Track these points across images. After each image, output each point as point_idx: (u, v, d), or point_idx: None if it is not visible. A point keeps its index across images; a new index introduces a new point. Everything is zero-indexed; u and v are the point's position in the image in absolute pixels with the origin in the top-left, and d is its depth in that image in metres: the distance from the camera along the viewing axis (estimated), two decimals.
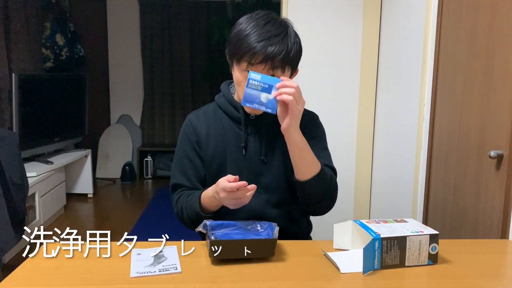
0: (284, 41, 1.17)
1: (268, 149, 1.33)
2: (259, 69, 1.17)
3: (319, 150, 1.34)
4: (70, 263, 1.07)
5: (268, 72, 1.18)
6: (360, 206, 2.76)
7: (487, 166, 1.53)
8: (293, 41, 1.20)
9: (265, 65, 1.16)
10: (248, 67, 1.18)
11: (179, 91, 5.49)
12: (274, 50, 1.15)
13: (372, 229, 1.08)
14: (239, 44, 1.18)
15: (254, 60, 1.16)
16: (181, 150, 1.37)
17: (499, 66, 1.48)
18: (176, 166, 1.37)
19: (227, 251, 1.06)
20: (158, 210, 4.10)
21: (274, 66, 1.17)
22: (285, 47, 1.16)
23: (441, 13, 1.90)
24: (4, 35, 3.66)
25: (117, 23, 5.30)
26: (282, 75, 1.20)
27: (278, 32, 1.17)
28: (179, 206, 1.33)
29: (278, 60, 1.16)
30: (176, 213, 1.34)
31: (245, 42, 1.16)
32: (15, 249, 2.97)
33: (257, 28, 1.17)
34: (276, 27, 1.18)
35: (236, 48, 1.19)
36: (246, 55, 1.17)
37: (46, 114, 3.84)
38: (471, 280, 1.01)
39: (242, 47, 1.17)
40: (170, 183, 1.38)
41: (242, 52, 1.17)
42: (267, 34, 1.16)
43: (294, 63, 1.23)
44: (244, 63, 1.18)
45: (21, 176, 2.63)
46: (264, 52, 1.15)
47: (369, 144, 2.71)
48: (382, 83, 2.60)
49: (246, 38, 1.16)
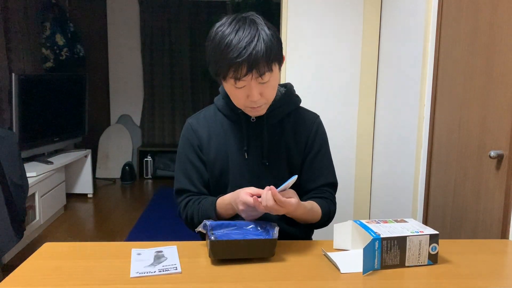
0: (261, 39, 1.13)
1: (270, 151, 1.32)
2: (247, 80, 1.15)
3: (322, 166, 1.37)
4: (70, 263, 1.07)
5: (257, 80, 1.15)
6: (360, 206, 2.76)
7: (487, 166, 1.53)
8: (268, 37, 1.15)
9: (251, 74, 1.13)
10: (236, 82, 1.15)
11: (179, 91, 5.49)
12: (257, 55, 1.11)
13: (372, 229, 1.08)
14: (219, 64, 1.15)
15: (239, 74, 1.13)
16: (183, 154, 1.36)
17: (499, 65, 1.48)
18: (179, 170, 1.36)
19: (227, 251, 1.06)
20: (158, 210, 4.10)
21: (261, 73, 1.14)
22: (263, 47, 1.12)
23: (441, 13, 1.90)
24: (4, 35, 3.66)
25: (117, 23, 5.30)
26: (272, 74, 1.18)
27: (253, 35, 1.13)
28: (189, 212, 1.31)
29: (263, 64, 1.13)
30: (185, 219, 1.33)
31: (224, 61, 1.13)
32: (15, 249, 2.97)
33: (230, 38, 1.12)
34: (247, 31, 1.13)
35: (217, 68, 1.17)
36: (230, 72, 1.14)
37: (46, 114, 3.85)
38: (471, 280, 1.01)
39: (223, 66, 1.14)
40: (174, 188, 1.37)
41: (226, 71, 1.14)
42: (243, 41, 1.11)
43: (278, 57, 1.19)
44: (231, 80, 1.16)
45: (21, 176, 2.63)
46: (248, 62, 1.11)
47: (369, 144, 2.71)
48: (382, 83, 2.60)
49: (224, 54, 1.12)
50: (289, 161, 1.33)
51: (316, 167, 1.35)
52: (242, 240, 1.09)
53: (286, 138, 1.33)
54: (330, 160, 1.40)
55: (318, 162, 1.36)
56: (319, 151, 1.36)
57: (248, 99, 1.19)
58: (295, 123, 1.35)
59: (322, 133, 1.39)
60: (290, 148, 1.33)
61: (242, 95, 1.19)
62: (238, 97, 1.21)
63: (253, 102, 1.19)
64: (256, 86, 1.17)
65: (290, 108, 1.35)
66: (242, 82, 1.15)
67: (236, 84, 1.16)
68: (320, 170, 1.36)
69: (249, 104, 1.21)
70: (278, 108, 1.32)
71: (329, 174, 1.38)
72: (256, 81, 1.16)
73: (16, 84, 3.37)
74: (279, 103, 1.32)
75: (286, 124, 1.34)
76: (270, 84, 1.20)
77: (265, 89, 1.19)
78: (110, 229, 3.64)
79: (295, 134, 1.34)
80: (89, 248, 1.17)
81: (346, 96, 2.68)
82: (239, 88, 1.18)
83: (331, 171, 1.39)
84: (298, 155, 1.34)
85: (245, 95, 1.19)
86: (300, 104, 1.40)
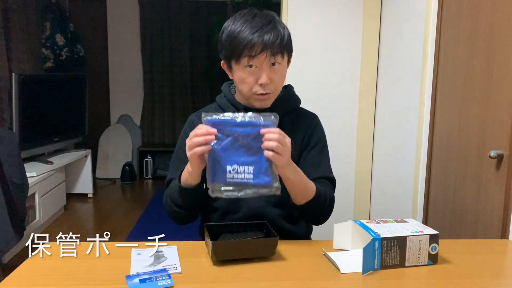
0: (276, 28, 1.19)
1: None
2: (260, 59, 1.18)
3: (318, 160, 1.35)
4: (70, 263, 1.07)
5: (270, 60, 1.19)
6: (360, 206, 2.76)
7: (487, 166, 1.53)
8: (284, 27, 1.23)
9: (266, 53, 1.17)
10: (250, 60, 1.18)
11: (179, 91, 5.49)
12: (270, 37, 1.17)
13: (372, 229, 1.08)
14: (235, 43, 1.18)
15: (254, 52, 1.17)
16: (180, 148, 1.34)
17: (499, 66, 1.48)
18: (173, 162, 1.36)
19: (229, 252, 1.06)
20: (158, 210, 4.10)
21: (274, 53, 1.18)
22: (278, 33, 1.19)
23: (441, 13, 1.90)
24: (4, 35, 3.66)
25: (117, 23, 5.30)
26: (282, 61, 1.22)
27: (268, 21, 1.19)
28: (166, 194, 1.31)
29: (276, 46, 1.18)
30: (164, 205, 1.32)
31: (240, 39, 1.17)
32: (15, 249, 2.97)
33: (246, 23, 1.18)
34: (263, 17, 1.20)
35: (232, 47, 1.19)
36: (245, 50, 1.17)
37: (46, 114, 3.84)
38: (471, 280, 1.01)
39: (239, 44, 1.17)
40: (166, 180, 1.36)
41: (240, 48, 1.17)
42: (258, 25, 1.18)
43: (289, 48, 1.26)
44: (245, 59, 1.18)
45: (21, 176, 2.63)
46: (262, 41, 1.16)
47: (369, 144, 2.71)
48: (382, 83, 2.60)
49: (240, 34, 1.17)
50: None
51: (312, 162, 1.34)
52: (243, 240, 1.09)
53: None
54: (327, 157, 1.38)
55: (313, 157, 1.34)
56: (315, 146, 1.35)
57: (258, 84, 1.21)
58: (294, 122, 1.36)
59: (319, 131, 1.39)
60: None
61: (252, 79, 1.21)
62: (248, 81, 1.22)
63: (262, 86, 1.21)
64: (267, 69, 1.20)
65: (289, 107, 1.36)
66: (256, 60, 1.18)
67: (249, 62, 1.18)
68: (316, 164, 1.33)
69: (258, 89, 1.22)
70: (277, 107, 1.31)
71: (325, 169, 1.35)
72: (269, 62, 1.19)
73: (16, 84, 3.37)
74: (279, 101, 1.32)
75: (285, 122, 1.34)
76: (280, 71, 1.23)
77: (275, 75, 1.22)
78: (110, 229, 3.63)
79: (293, 132, 1.34)
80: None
81: (346, 97, 2.68)
82: (251, 70, 1.20)
83: (327, 167, 1.37)
84: (295, 152, 1.33)
85: (255, 79, 1.21)
86: (300, 105, 1.40)
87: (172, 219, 1.32)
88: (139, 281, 0.95)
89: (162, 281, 0.95)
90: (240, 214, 1.29)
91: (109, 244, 1.22)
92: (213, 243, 1.05)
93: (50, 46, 4.43)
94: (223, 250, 1.06)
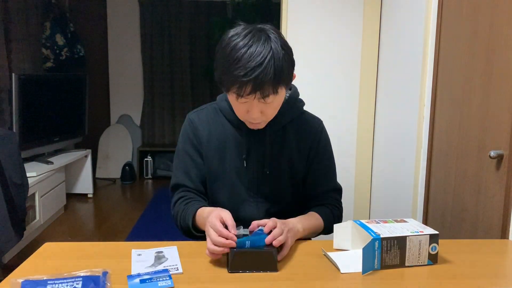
0: (270, 64, 1.08)
1: (271, 159, 1.30)
2: (250, 100, 1.13)
3: (326, 172, 1.37)
4: (70, 263, 1.07)
5: (260, 101, 1.13)
6: (360, 206, 2.76)
7: (487, 166, 1.53)
8: (281, 60, 1.10)
9: (254, 95, 1.11)
10: (238, 98, 1.13)
11: (179, 91, 5.49)
12: (262, 80, 1.07)
13: (372, 229, 1.08)
14: (225, 77, 1.13)
15: (242, 93, 1.11)
16: (182, 149, 1.34)
17: (499, 66, 1.48)
18: (178, 165, 1.34)
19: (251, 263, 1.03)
20: (158, 210, 4.10)
21: (265, 95, 1.11)
22: (272, 71, 1.08)
23: (441, 13, 1.90)
24: (4, 35, 3.66)
25: (117, 23, 5.30)
26: (276, 97, 1.14)
27: (263, 57, 1.07)
28: (175, 211, 1.31)
29: (268, 86, 1.09)
30: (172, 216, 1.33)
31: (230, 75, 1.10)
32: (15, 249, 2.97)
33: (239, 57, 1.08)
34: (260, 50, 1.08)
35: (222, 79, 1.15)
36: (234, 88, 1.12)
37: (46, 114, 3.85)
38: (471, 280, 1.01)
39: (228, 80, 1.12)
40: (170, 183, 1.36)
41: (229, 85, 1.13)
42: (251, 64, 1.07)
43: (286, 80, 1.15)
44: (234, 94, 1.14)
45: (21, 176, 2.63)
46: (252, 83, 1.08)
47: (369, 144, 2.71)
48: (382, 83, 2.60)
49: (231, 70, 1.09)
50: (292, 169, 1.32)
51: (319, 174, 1.35)
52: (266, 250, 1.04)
53: (289, 146, 1.32)
54: (333, 166, 1.40)
55: (322, 169, 1.36)
56: (323, 158, 1.36)
57: (248, 115, 1.18)
58: (299, 129, 1.33)
59: (325, 139, 1.38)
60: (292, 156, 1.32)
61: (242, 108, 1.18)
62: (238, 109, 1.20)
63: (252, 118, 1.18)
64: (258, 105, 1.15)
65: (293, 115, 1.33)
66: (244, 99, 1.13)
67: (238, 99, 1.14)
68: (324, 177, 1.36)
69: (248, 119, 1.20)
70: (281, 115, 1.28)
71: (332, 180, 1.39)
72: (259, 101, 1.14)
73: (16, 84, 3.37)
74: (282, 109, 1.28)
75: (289, 130, 1.32)
76: (273, 105, 1.18)
77: (267, 109, 1.17)
78: (110, 229, 3.64)
79: (298, 142, 1.33)
80: (89, 248, 1.17)
81: (346, 96, 2.68)
82: (242, 103, 1.16)
83: (334, 177, 1.40)
84: (300, 163, 1.33)
85: (246, 109, 1.17)
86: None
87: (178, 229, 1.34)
88: (139, 281, 0.95)
89: (163, 281, 0.95)
90: (239, 224, 1.29)
91: (109, 244, 1.22)
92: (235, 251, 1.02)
93: (50, 46, 4.43)
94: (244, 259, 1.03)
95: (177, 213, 1.29)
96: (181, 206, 1.29)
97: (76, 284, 0.91)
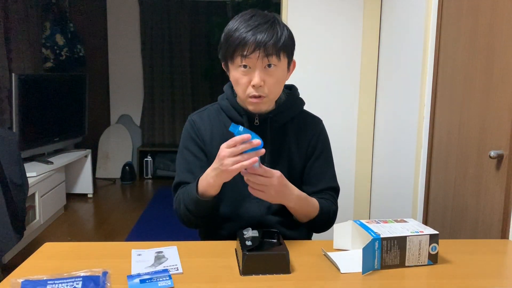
0: (273, 28, 1.16)
1: (272, 156, 1.30)
2: (253, 59, 1.15)
3: (323, 170, 1.36)
4: (70, 263, 1.07)
5: (263, 60, 1.15)
6: (360, 206, 2.76)
7: (487, 166, 1.53)
8: (282, 28, 1.18)
9: (258, 53, 1.14)
10: (243, 60, 1.16)
11: (179, 91, 5.49)
12: (264, 37, 1.14)
13: (372, 229, 1.08)
14: (229, 41, 1.17)
15: (246, 51, 1.14)
16: (185, 148, 1.33)
17: (499, 66, 1.48)
18: (180, 165, 1.33)
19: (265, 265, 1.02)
20: (158, 210, 4.10)
21: (268, 53, 1.14)
22: (275, 33, 1.15)
23: (441, 13, 1.90)
24: (4, 35, 3.66)
25: (117, 23, 5.30)
26: (279, 63, 1.18)
27: (265, 21, 1.16)
28: (177, 200, 1.28)
29: (270, 46, 1.14)
30: (176, 210, 1.30)
31: (234, 37, 1.16)
32: (15, 249, 2.97)
33: (243, 22, 1.17)
34: (262, 17, 1.17)
35: (227, 45, 1.18)
36: (238, 48, 1.15)
37: (46, 114, 3.84)
38: (471, 280, 1.01)
39: (232, 42, 1.16)
40: (173, 183, 1.34)
41: (233, 47, 1.16)
42: (253, 24, 1.15)
43: (288, 50, 1.20)
44: (238, 58, 1.16)
45: (21, 176, 2.63)
46: (255, 40, 1.13)
47: (369, 144, 2.71)
48: (382, 83, 2.60)
49: (235, 33, 1.16)
50: (290, 165, 1.32)
51: (317, 172, 1.35)
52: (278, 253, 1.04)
53: (288, 142, 1.32)
54: (332, 165, 1.39)
55: (319, 167, 1.35)
56: (320, 155, 1.35)
57: (251, 86, 1.18)
58: (298, 127, 1.34)
59: (324, 138, 1.38)
60: (291, 152, 1.32)
61: (246, 80, 1.18)
62: (241, 82, 1.19)
63: (255, 88, 1.18)
64: (261, 70, 1.17)
65: (294, 112, 1.34)
66: (249, 60, 1.15)
67: (242, 61, 1.16)
68: (321, 174, 1.35)
69: (251, 91, 1.19)
70: (282, 112, 1.30)
71: (331, 179, 1.37)
72: (262, 63, 1.16)
73: (16, 84, 3.37)
74: (283, 107, 1.30)
75: (289, 128, 1.33)
76: (276, 74, 1.19)
77: (269, 77, 1.18)
78: (110, 229, 3.64)
79: (297, 139, 1.33)
80: (89, 248, 1.17)
81: (346, 96, 2.68)
82: (245, 71, 1.17)
83: (332, 176, 1.38)
84: (299, 160, 1.33)
85: (249, 80, 1.18)
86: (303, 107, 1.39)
87: (183, 224, 1.30)
88: (139, 281, 0.95)
89: (163, 281, 0.95)
90: (240, 221, 1.28)
91: (109, 244, 1.22)
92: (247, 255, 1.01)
93: (50, 46, 4.43)
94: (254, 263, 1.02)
95: (179, 201, 1.26)
96: (182, 190, 1.28)
97: (76, 284, 0.91)
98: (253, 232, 1.11)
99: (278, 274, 1.02)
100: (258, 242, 1.06)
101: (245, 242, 1.06)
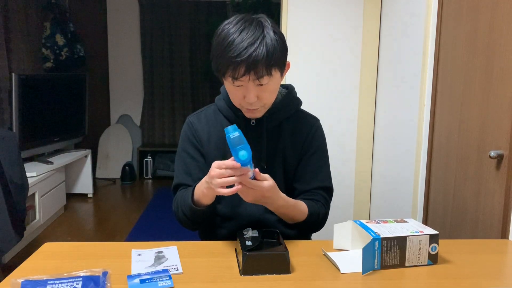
0: (262, 44, 1.11)
1: (269, 155, 1.31)
2: (245, 81, 1.14)
3: (317, 168, 1.34)
4: (70, 263, 1.07)
5: (255, 82, 1.15)
6: (360, 206, 2.76)
7: (487, 166, 1.53)
8: (272, 41, 1.13)
9: (249, 76, 1.13)
10: (234, 81, 1.15)
11: (179, 91, 5.49)
12: (254, 56, 1.10)
13: (372, 229, 1.08)
14: (220, 61, 1.15)
15: (237, 74, 1.13)
16: (183, 150, 1.35)
17: (499, 66, 1.48)
18: (179, 166, 1.35)
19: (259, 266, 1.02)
20: (158, 210, 4.10)
21: (259, 76, 1.13)
22: (264, 51, 1.11)
23: (441, 13, 1.90)
24: (4, 35, 3.66)
25: (117, 23, 5.30)
26: (271, 79, 1.16)
27: (255, 38, 1.11)
28: (176, 202, 1.31)
29: (260, 67, 1.12)
30: (175, 213, 1.32)
31: (224, 58, 1.13)
32: (15, 249, 2.97)
33: (232, 40, 1.12)
34: (251, 33, 1.12)
35: (218, 64, 1.17)
36: (229, 71, 1.14)
37: (46, 114, 3.84)
38: (471, 280, 1.01)
39: (222, 64, 1.14)
40: (172, 184, 1.36)
41: (225, 69, 1.15)
42: (243, 44, 1.11)
43: (279, 63, 1.17)
44: (229, 78, 1.16)
45: (21, 176, 2.63)
46: (245, 63, 1.11)
47: (369, 144, 2.71)
48: (382, 83, 2.60)
49: (224, 53, 1.12)
50: (285, 163, 1.32)
51: (310, 169, 1.34)
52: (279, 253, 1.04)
53: (283, 141, 1.32)
54: (327, 164, 1.38)
55: (313, 164, 1.34)
56: (315, 153, 1.34)
57: (245, 100, 1.19)
58: (294, 126, 1.34)
59: (320, 136, 1.37)
60: (286, 151, 1.32)
61: (239, 94, 1.19)
62: (235, 95, 1.21)
63: (249, 103, 1.19)
64: (254, 88, 1.16)
65: (290, 112, 1.34)
66: (240, 82, 1.15)
67: (233, 83, 1.16)
68: (314, 172, 1.34)
69: (245, 105, 1.21)
70: (278, 112, 1.31)
71: (324, 178, 1.36)
72: (254, 83, 1.15)
73: (16, 84, 3.37)
74: (279, 106, 1.31)
75: (285, 127, 1.33)
76: (269, 88, 1.18)
77: (263, 93, 1.18)
78: (110, 229, 3.64)
79: (292, 137, 1.33)
80: (89, 248, 1.17)
81: (346, 96, 2.68)
82: (237, 87, 1.17)
83: (326, 175, 1.37)
84: (293, 157, 1.33)
85: (242, 95, 1.18)
86: (301, 107, 1.39)
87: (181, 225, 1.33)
88: (139, 281, 0.95)
89: (162, 281, 0.95)
90: (239, 221, 1.29)
91: (109, 244, 1.22)
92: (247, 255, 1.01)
93: (50, 46, 4.43)
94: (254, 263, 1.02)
95: (177, 204, 1.29)
96: (180, 193, 1.30)
97: (76, 284, 0.91)
98: (253, 232, 1.11)
99: (278, 274, 1.02)
100: (258, 242, 1.07)
101: (245, 242, 1.06)
